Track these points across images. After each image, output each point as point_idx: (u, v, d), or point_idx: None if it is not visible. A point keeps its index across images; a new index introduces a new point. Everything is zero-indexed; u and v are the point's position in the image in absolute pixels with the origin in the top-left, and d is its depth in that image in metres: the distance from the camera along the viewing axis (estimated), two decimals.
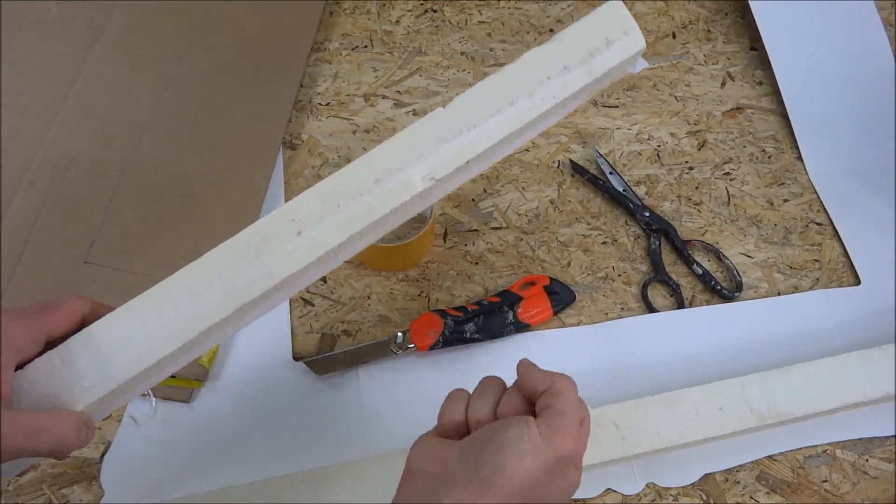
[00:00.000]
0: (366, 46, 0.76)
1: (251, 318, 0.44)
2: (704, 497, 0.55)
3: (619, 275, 0.64)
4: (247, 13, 0.75)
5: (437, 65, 0.75)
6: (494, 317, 0.59)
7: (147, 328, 0.41)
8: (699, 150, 0.71)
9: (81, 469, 0.55)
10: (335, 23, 0.78)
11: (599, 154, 0.69)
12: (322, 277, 0.63)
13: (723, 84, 0.75)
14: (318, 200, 0.43)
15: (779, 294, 0.63)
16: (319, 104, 0.72)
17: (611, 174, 0.68)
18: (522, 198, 0.68)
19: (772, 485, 0.56)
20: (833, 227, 0.67)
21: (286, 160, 0.69)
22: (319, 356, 0.59)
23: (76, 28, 0.72)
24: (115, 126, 0.67)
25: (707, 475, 0.56)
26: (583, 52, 0.46)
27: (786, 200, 0.68)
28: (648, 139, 0.71)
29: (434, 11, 0.79)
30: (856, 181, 0.69)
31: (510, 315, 0.60)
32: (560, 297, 0.61)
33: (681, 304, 0.62)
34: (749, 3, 0.77)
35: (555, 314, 0.61)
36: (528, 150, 0.70)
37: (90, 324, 0.41)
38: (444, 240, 0.65)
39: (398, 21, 0.78)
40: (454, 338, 0.58)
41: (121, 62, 0.71)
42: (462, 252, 0.65)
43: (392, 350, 0.58)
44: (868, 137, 0.71)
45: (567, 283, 0.62)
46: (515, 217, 0.67)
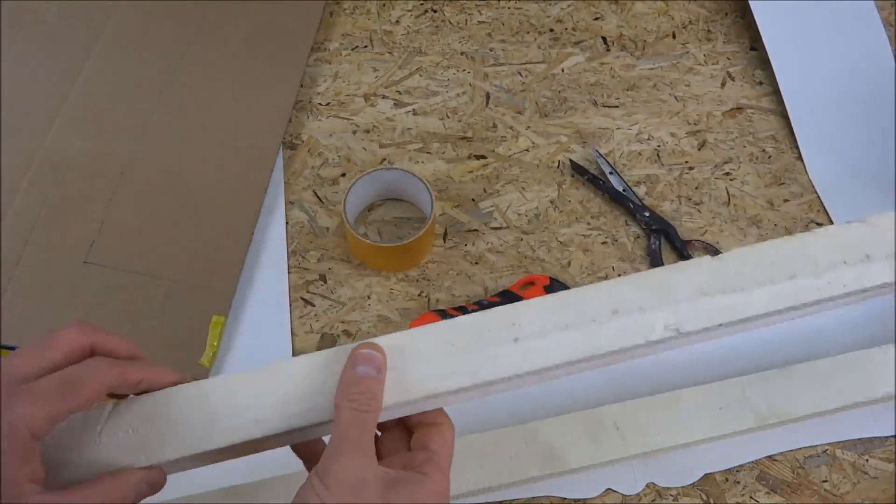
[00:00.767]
0: (366, 46, 0.76)
1: (422, 408, 0.40)
2: (704, 497, 0.55)
3: (619, 275, 0.64)
4: (247, 13, 0.75)
5: (437, 65, 0.75)
6: None
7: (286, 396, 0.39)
8: (699, 150, 0.71)
9: None
10: (335, 23, 0.78)
11: (599, 154, 0.69)
12: (322, 277, 0.63)
13: (723, 84, 0.75)
14: (549, 313, 0.39)
15: None
16: (319, 104, 0.72)
17: (611, 174, 0.68)
18: (522, 198, 0.68)
19: (772, 485, 0.56)
20: None
21: (286, 160, 0.69)
22: None
23: (76, 28, 0.72)
24: (115, 126, 0.67)
25: (707, 475, 0.56)
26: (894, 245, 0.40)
27: (786, 200, 0.68)
28: (648, 139, 0.71)
29: (434, 11, 0.79)
30: (856, 181, 0.69)
31: None
32: None
33: None
34: (749, 3, 0.77)
35: None
36: (529, 151, 0.70)
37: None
38: (444, 240, 0.65)
39: (398, 21, 0.78)
40: None
41: (121, 62, 0.71)
42: (462, 252, 0.65)
43: None
44: (868, 137, 0.71)
45: (567, 283, 0.62)
46: (515, 217, 0.67)
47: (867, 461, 0.56)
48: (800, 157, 0.71)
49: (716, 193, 0.68)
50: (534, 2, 0.80)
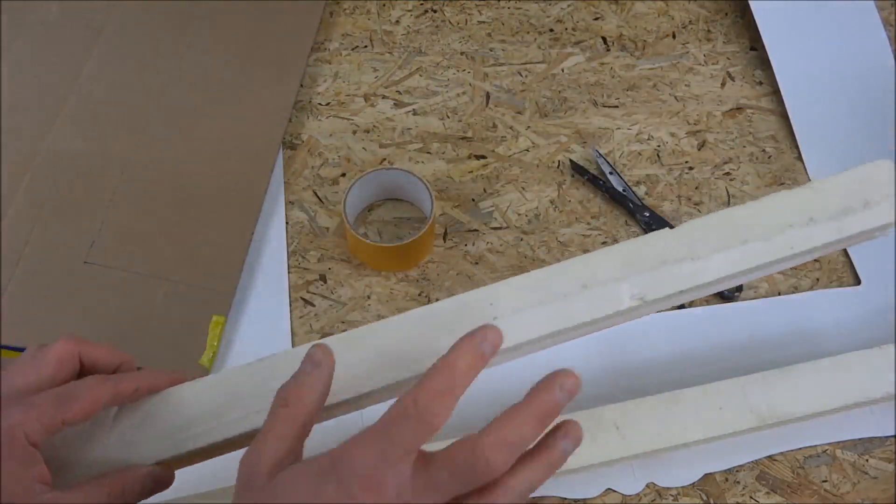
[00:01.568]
0: (366, 46, 0.76)
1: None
2: (704, 497, 0.55)
3: None
4: (247, 13, 0.74)
5: (437, 65, 0.75)
6: None
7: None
8: (699, 150, 0.71)
9: None
10: (335, 23, 0.78)
11: (599, 154, 0.69)
12: (322, 277, 0.63)
13: (723, 84, 0.75)
14: (522, 291, 0.42)
15: (779, 294, 0.63)
16: (319, 104, 0.72)
17: (611, 174, 0.68)
18: (522, 198, 0.68)
19: (772, 485, 0.56)
20: None
21: (286, 160, 0.69)
22: None
23: (76, 28, 0.72)
24: (115, 126, 0.67)
25: (707, 475, 0.56)
26: (835, 208, 0.43)
27: None
28: (648, 139, 0.71)
29: (434, 11, 0.79)
30: None
31: None
32: None
33: (681, 304, 0.62)
34: (749, 3, 0.77)
35: None
36: (529, 151, 0.70)
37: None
38: (444, 240, 0.65)
39: (398, 21, 0.78)
40: None
41: (121, 62, 0.71)
42: (462, 252, 0.65)
43: None
44: (868, 137, 0.71)
45: None
46: (515, 217, 0.67)
47: (867, 461, 0.56)
48: (800, 157, 0.71)
49: (716, 193, 0.68)
50: (534, 2, 0.80)
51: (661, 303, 0.43)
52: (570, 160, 0.69)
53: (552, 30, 0.78)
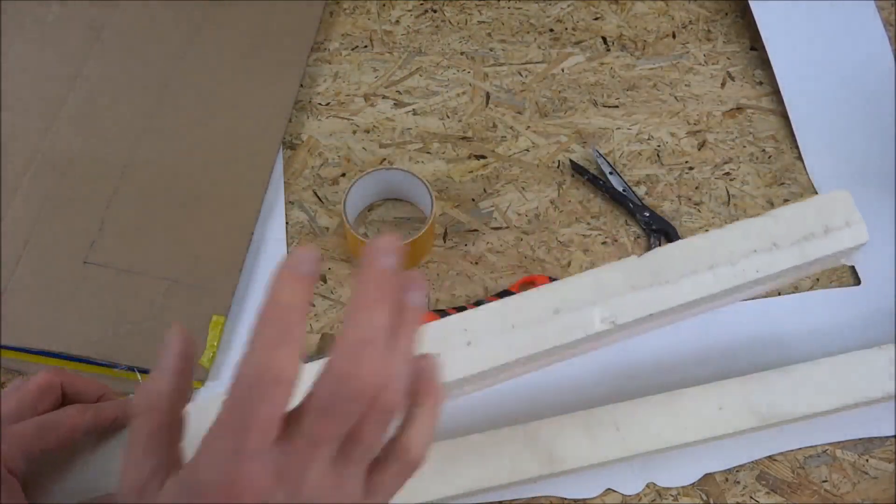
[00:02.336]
0: (366, 46, 0.76)
1: None
2: (704, 497, 0.55)
3: None
4: (247, 13, 0.74)
5: (437, 65, 0.75)
6: None
7: None
8: (699, 150, 0.71)
9: None
10: (335, 23, 0.78)
11: (599, 154, 0.69)
12: (322, 277, 0.63)
13: (723, 84, 0.75)
14: (495, 317, 0.42)
15: (779, 294, 0.63)
16: (319, 104, 0.72)
17: (611, 174, 0.68)
18: (522, 198, 0.68)
19: (772, 485, 0.56)
20: None
21: (286, 160, 0.69)
22: (319, 356, 0.59)
23: (76, 28, 0.72)
24: (115, 126, 0.67)
25: (707, 475, 0.56)
26: (796, 234, 0.44)
27: (786, 200, 0.68)
28: (648, 139, 0.71)
29: (434, 11, 0.79)
30: (856, 181, 0.69)
31: None
32: None
33: None
34: (749, 3, 0.77)
35: None
36: (529, 151, 0.70)
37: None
38: (444, 240, 0.65)
39: (398, 21, 0.78)
40: None
41: (121, 62, 0.71)
42: (462, 252, 0.65)
43: None
44: (868, 137, 0.71)
45: None
46: (515, 217, 0.67)
47: (867, 461, 0.56)
48: (800, 157, 0.71)
49: (716, 193, 0.68)
50: (534, 2, 0.80)
51: (634, 327, 0.44)
52: (570, 160, 0.69)
53: (552, 30, 0.78)
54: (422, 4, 0.79)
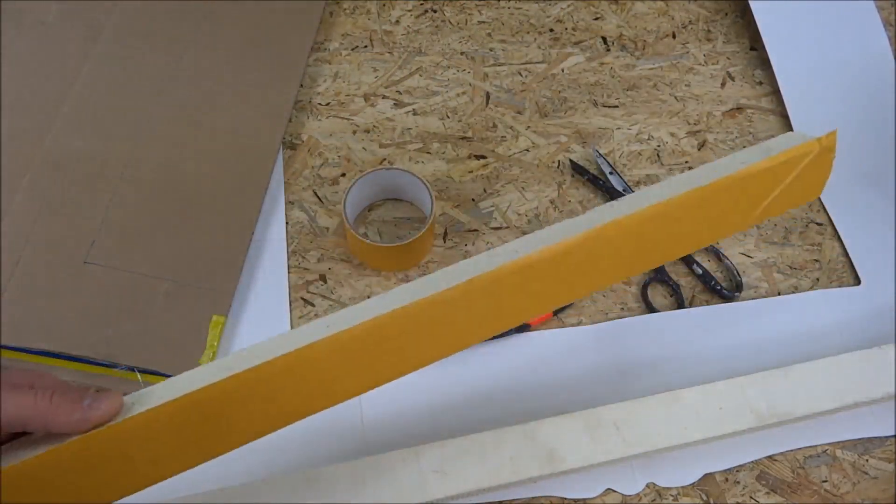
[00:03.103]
0: (366, 46, 0.76)
1: None
2: (704, 497, 0.55)
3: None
4: (247, 13, 0.75)
5: (437, 65, 0.75)
6: None
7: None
8: (699, 150, 0.71)
9: None
10: (335, 23, 0.78)
11: (599, 154, 0.69)
12: (322, 277, 0.63)
13: (723, 84, 0.75)
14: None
15: (779, 294, 0.63)
16: (319, 104, 0.72)
17: (611, 174, 0.68)
18: (522, 198, 0.68)
19: (772, 485, 0.56)
20: (833, 227, 0.67)
21: (286, 160, 0.69)
22: None
23: (76, 28, 0.72)
24: (115, 126, 0.67)
25: (707, 475, 0.56)
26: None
27: None
28: (648, 139, 0.71)
29: (434, 11, 0.79)
30: (856, 181, 0.69)
31: None
32: None
33: (681, 304, 0.62)
34: (749, 3, 0.77)
35: (554, 314, 0.61)
36: (529, 151, 0.70)
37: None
38: (444, 240, 0.65)
39: (398, 21, 0.78)
40: None
41: (121, 62, 0.71)
42: (462, 252, 0.65)
43: None
44: (868, 137, 0.71)
45: None
46: (515, 217, 0.67)
47: (867, 461, 0.56)
48: None
49: None
50: (534, 2, 0.80)
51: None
52: (570, 160, 0.69)
53: (552, 30, 0.78)
54: (422, 4, 0.79)
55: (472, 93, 0.73)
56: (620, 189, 0.67)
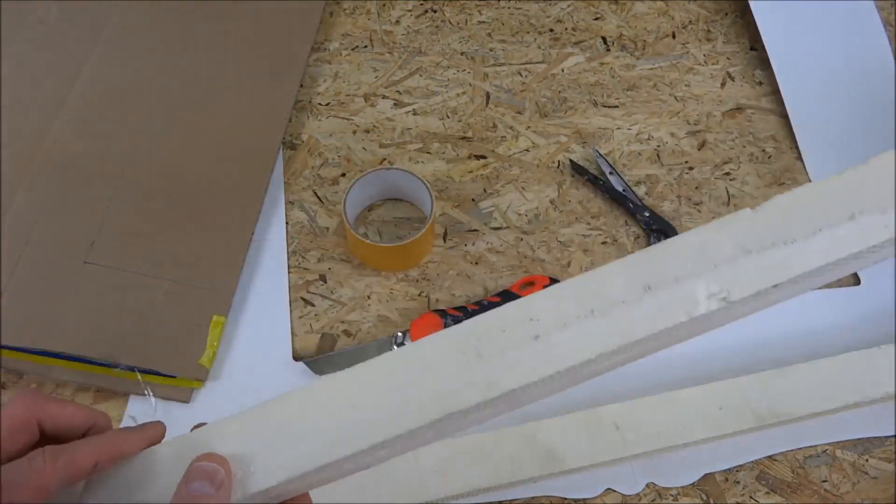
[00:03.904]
0: (366, 46, 0.76)
1: (460, 428, 0.34)
2: (704, 497, 0.55)
3: None
4: (247, 13, 0.74)
5: (437, 65, 0.75)
6: None
7: (332, 421, 0.34)
8: (699, 150, 0.71)
9: None
10: (335, 23, 0.78)
11: (599, 154, 0.69)
12: (322, 277, 0.63)
13: (723, 84, 0.75)
14: (568, 300, 0.33)
15: None
16: (319, 104, 0.72)
17: (611, 174, 0.68)
18: (522, 198, 0.68)
19: (772, 485, 0.56)
20: None
21: (286, 160, 0.69)
22: (319, 356, 0.59)
23: (76, 28, 0.72)
24: (115, 126, 0.67)
25: (707, 475, 0.56)
26: None
27: None
28: (648, 139, 0.71)
29: (434, 11, 0.79)
30: None
31: None
32: None
33: None
34: (749, 3, 0.77)
35: None
36: (529, 151, 0.70)
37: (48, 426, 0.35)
38: (444, 240, 0.65)
39: (398, 21, 0.78)
40: None
41: (121, 62, 0.71)
42: (462, 252, 0.65)
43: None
44: (868, 137, 0.71)
45: None
46: (515, 217, 0.67)
47: (867, 461, 0.56)
48: (800, 157, 0.71)
49: (716, 193, 0.68)
50: (534, 2, 0.80)
51: (749, 303, 0.33)
52: (570, 160, 0.69)
53: (552, 30, 0.78)
54: (422, 4, 0.79)
55: (472, 93, 0.73)
56: (620, 189, 0.67)
